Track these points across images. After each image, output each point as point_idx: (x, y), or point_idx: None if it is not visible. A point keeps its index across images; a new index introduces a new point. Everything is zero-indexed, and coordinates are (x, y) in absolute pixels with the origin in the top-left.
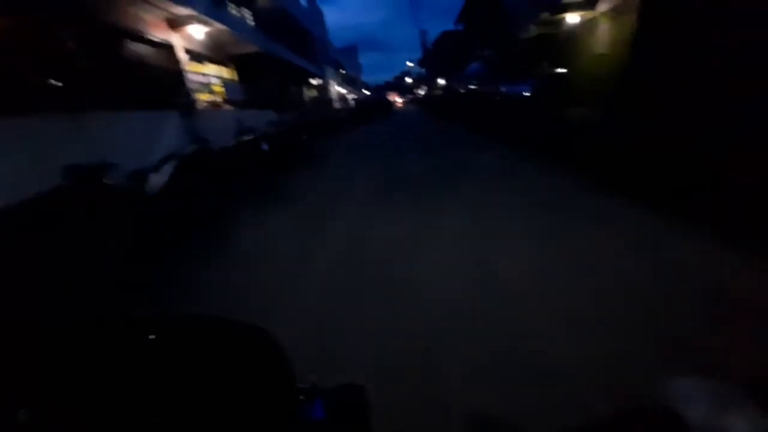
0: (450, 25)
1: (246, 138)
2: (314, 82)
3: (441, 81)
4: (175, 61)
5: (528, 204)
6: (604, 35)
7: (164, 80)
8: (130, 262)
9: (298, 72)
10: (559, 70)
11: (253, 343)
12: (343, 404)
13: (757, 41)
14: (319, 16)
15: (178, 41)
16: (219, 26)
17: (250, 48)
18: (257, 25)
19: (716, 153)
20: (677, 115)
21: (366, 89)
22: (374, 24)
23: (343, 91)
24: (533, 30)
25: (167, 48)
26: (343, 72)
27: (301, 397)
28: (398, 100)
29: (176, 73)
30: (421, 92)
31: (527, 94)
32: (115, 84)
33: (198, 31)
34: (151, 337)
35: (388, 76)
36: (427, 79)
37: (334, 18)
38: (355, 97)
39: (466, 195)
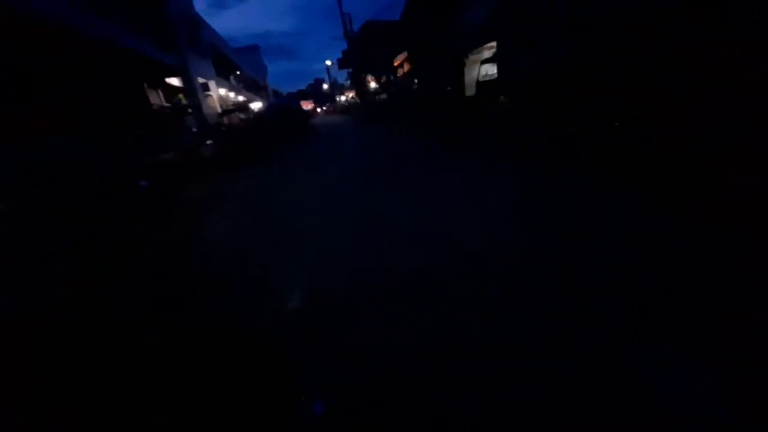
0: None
1: None
2: (176, 82)
3: (373, 84)
4: None
5: None
6: None
7: None
8: None
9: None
10: None
11: (253, 345)
12: None
13: None
14: None
15: None
16: None
17: None
18: None
19: None
20: None
21: (276, 95)
22: (283, 32)
23: (240, 98)
24: None
25: None
26: (239, 73)
27: (301, 397)
28: (318, 110)
29: None
30: (343, 98)
31: None
32: None
33: None
34: (153, 337)
35: (301, 85)
36: (356, 82)
37: (237, 24)
38: (260, 105)
39: None
